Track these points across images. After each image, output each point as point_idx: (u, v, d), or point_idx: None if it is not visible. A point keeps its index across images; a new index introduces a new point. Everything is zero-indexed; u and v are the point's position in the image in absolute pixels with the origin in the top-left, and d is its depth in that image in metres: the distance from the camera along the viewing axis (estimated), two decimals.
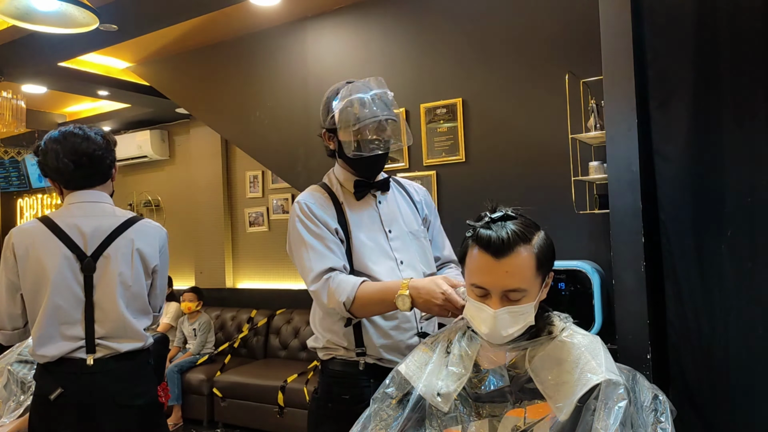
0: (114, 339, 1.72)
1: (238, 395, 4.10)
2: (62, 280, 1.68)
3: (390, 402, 1.28)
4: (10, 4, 2.20)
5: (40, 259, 1.68)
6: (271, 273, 5.08)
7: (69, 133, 1.79)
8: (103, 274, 1.73)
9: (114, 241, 1.75)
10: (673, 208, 1.80)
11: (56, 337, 1.68)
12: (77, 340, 1.68)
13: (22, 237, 1.70)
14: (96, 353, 1.69)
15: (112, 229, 1.76)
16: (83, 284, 1.71)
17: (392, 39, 3.26)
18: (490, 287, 1.14)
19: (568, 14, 2.70)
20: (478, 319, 1.17)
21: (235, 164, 5.31)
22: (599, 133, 2.39)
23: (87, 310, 1.70)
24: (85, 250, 1.72)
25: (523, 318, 1.15)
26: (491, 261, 1.13)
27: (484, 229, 1.15)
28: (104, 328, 1.71)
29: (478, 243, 1.15)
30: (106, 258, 1.73)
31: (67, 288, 1.69)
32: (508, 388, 1.17)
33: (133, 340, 1.75)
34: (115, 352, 1.71)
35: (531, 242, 1.14)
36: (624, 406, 1.06)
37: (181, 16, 3.26)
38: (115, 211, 1.82)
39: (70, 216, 1.74)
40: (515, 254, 1.12)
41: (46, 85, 4.41)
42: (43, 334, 1.67)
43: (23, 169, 6.59)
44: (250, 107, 3.78)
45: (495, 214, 1.17)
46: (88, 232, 1.73)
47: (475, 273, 1.16)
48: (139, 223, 1.82)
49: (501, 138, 2.92)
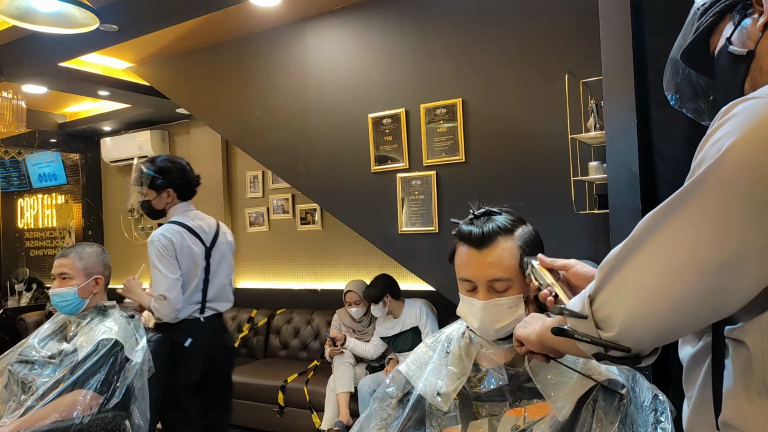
0: (216, 302, 2.56)
1: (238, 395, 4.09)
2: (198, 265, 2.49)
3: (390, 401, 1.28)
4: (10, 4, 2.20)
5: (192, 251, 2.46)
6: (271, 273, 5.08)
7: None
8: (215, 258, 2.56)
9: (218, 237, 2.60)
10: None
11: (188, 305, 2.46)
12: (197, 304, 2.49)
13: (176, 237, 2.41)
14: (205, 313, 2.51)
15: (214, 228, 2.62)
16: (206, 266, 2.52)
17: (392, 39, 3.26)
18: (475, 279, 1.16)
19: (568, 14, 2.70)
20: (469, 315, 1.19)
21: (235, 164, 5.31)
22: (599, 133, 2.39)
23: (204, 283, 2.51)
24: (207, 243, 2.53)
25: (512, 311, 1.15)
26: (474, 253, 1.16)
27: (466, 225, 1.19)
28: (210, 295, 2.53)
29: (461, 237, 1.19)
30: (216, 248, 2.57)
31: (200, 270, 2.49)
32: (507, 387, 1.18)
33: (228, 302, 2.63)
34: (216, 312, 2.57)
35: (513, 234, 1.17)
36: (623, 407, 1.06)
37: (181, 16, 3.26)
38: (204, 214, 2.66)
39: (193, 219, 2.55)
40: (496, 244, 1.15)
41: (47, 85, 4.41)
42: (184, 304, 2.43)
43: (23, 169, 6.59)
44: (250, 107, 3.79)
45: (478, 211, 1.22)
46: (206, 231, 2.56)
47: (461, 267, 1.19)
48: (222, 224, 2.71)
49: (501, 138, 2.93)
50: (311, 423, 3.68)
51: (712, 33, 0.96)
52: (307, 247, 4.84)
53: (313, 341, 4.44)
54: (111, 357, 1.96)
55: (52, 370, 1.98)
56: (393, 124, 3.23)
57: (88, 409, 1.86)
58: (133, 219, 5.90)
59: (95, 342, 1.98)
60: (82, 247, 2.20)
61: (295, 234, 4.91)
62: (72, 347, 2.02)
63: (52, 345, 2.09)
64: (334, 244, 4.68)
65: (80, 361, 1.94)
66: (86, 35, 2.68)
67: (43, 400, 1.86)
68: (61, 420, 1.81)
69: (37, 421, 1.80)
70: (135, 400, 2.00)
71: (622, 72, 1.89)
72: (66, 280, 2.10)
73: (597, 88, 2.38)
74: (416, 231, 3.14)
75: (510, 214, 1.22)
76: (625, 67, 1.88)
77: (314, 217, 4.80)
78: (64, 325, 2.15)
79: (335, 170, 3.46)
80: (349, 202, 3.42)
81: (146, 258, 2.41)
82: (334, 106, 3.45)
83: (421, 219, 3.12)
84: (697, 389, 0.86)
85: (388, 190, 3.24)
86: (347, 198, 3.42)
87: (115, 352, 1.98)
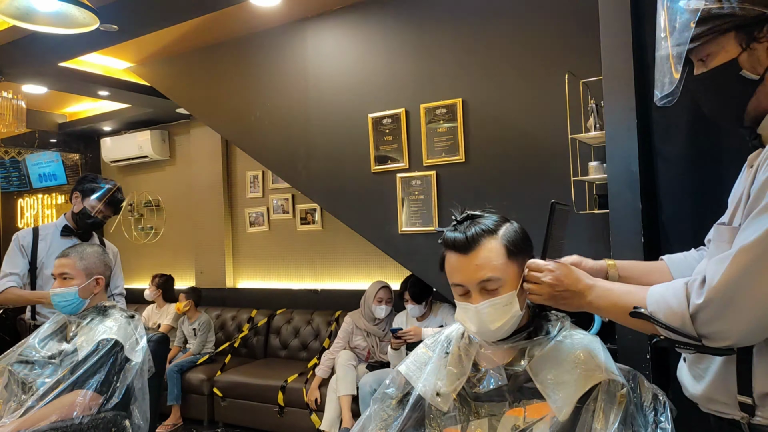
0: None
1: (239, 395, 4.11)
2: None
3: (390, 402, 1.29)
4: (10, 4, 2.20)
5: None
6: (271, 273, 5.08)
7: None
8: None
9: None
10: (673, 208, 1.80)
11: None
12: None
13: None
14: None
15: None
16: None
17: (392, 39, 3.26)
18: (466, 282, 1.18)
19: (568, 14, 2.70)
20: (467, 319, 1.19)
21: (235, 164, 5.31)
22: (599, 133, 2.39)
23: None
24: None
25: (508, 309, 1.16)
26: (461, 258, 1.18)
27: (450, 233, 1.21)
28: None
29: (446, 245, 1.21)
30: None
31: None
32: (506, 388, 1.18)
33: None
34: None
35: (496, 233, 1.19)
36: (624, 406, 1.06)
37: (181, 16, 3.26)
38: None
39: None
40: (481, 246, 1.17)
41: (47, 85, 4.41)
42: None
43: (23, 169, 6.59)
44: (250, 107, 3.79)
45: (460, 217, 1.24)
46: None
47: (451, 273, 1.21)
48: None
49: (501, 138, 2.92)
50: (311, 423, 3.68)
51: (709, 41, 1.00)
52: (307, 247, 4.84)
53: (313, 341, 4.44)
54: (111, 357, 1.96)
55: (52, 370, 1.98)
56: (393, 124, 3.23)
57: (87, 410, 1.86)
58: (133, 219, 5.90)
59: (95, 342, 1.98)
60: (83, 248, 2.20)
61: (295, 234, 4.91)
62: (72, 347, 2.01)
63: (52, 345, 2.09)
64: (334, 244, 4.68)
65: (80, 361, 1.93)
66: (86, 35, 2.68)
67: (43, 401, 1.85)
68: (60, 420, 1.81)
69: (37, 422, 1.80)
70: (135, 400, 2.00)
71: (622, 72, 1.89)
72: (67, 280, 2.10)
73: (597, 88, 2.38)
74: (416, 231, 3.14)
75: (493, 214, 1.24)
76: (625, 67, 1.88)
77: (314, 217, 4.80)
78: (64, 325, 2.15)
79: (335, 170, 3.46)
80: (349, 202, 3.42)
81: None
82: (334, 106, 3.45)
83: (421, 219, 3.12)
84: (719, 362, 1.03)
85: (388, 190, 3.24)
86: (347, 198, 3.41)
87: (115, 352, 1.97)
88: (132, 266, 5.72)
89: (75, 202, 2.82)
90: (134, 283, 5.65)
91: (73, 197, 2.83)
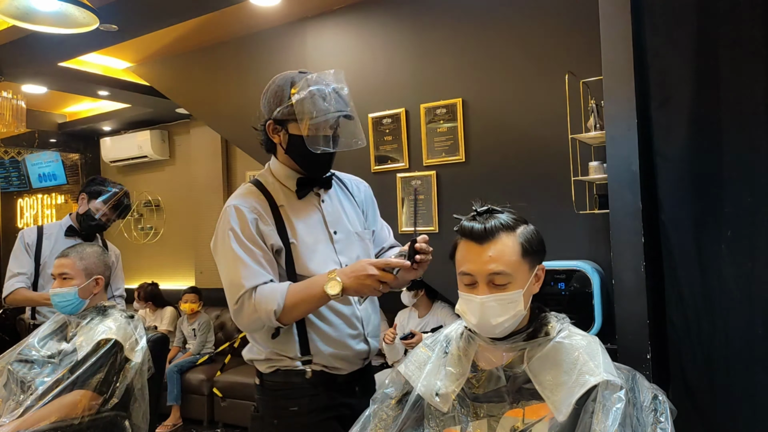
0: None
1: (238, 395, 4.10)
2: None
3: (389, 402, 1.28)
4: (10, 4, 2.20)
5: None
6: None
7: None
8: None
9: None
10: (673, 208, 1.80)
11: None
12: None
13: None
14: None
15: None
16: None
17: (392, 39, 3.26)
18: (476, 272, 1.17)
19: (568, 14, 2.70)
20: (468, 311, 1.19)
21: (235, 164, 5.31)
22: (599, 133, 2.39)
23: None
24: None
25: (512, 307, 1.15)
26: (475, 247, 1.17)
27: (468, 222, 1.21)
28: None
29: (463, 233, 1.21)
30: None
31: None
32: (505, 388, 1.18)
33: None
34: None
35: (515, 230, 1.19)
36: (622, 407, 1.06)
37: (181, 16, 3.26)
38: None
39: None
40: (498, 239, 1.17)
41: (46, 85, 4.41)
42: None
43: (23, 169, 6.59)
44: (250, 107, 3.76)
45: (481, 209, 1.24)
46: None
47: (461, 261, 1.20)
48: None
49: (501, 138, 2.92)
50: None
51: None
52: None
53: None
54: (111, 357, 1.96)
55: (52, 370, 1.98)
56: (393, 123, 3.23)
57: (87, 410, 1.86)
58: (133, 219, 5.90)
59: (95, 342, 1.98)
60: (83, 248, 2.20)
61: None
62: (71, 347, 2.01)
63: (52, 345, 2.09)
64: None
65: (80, 361, 1.93)
66: (86, 35, 2.67)
67: (42, 400, 1.85)
68: (60, 420, 1.81)
69: (37, 422, 1.80)
70: (135, 400, 2.00)
71: (622, 72, 1.89)
72: (66, 280, 2.10)
73: (597, 88, 2.38)
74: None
75: (512, 213, 1.24)
76: (625, 67, 1.88)
77: None
78: (63, 325, 2.15)
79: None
80: None
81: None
82: None
83: (421, 219, 3.12)
84: None
85: (388, 190, 3.24)
86: None
87: (114, 352, 1.97)
88: (132, 266, 5.71)
89: (81, 203, 2.82)
90: (134, 283, 5.64)
91: (80, 198, 2.83)
